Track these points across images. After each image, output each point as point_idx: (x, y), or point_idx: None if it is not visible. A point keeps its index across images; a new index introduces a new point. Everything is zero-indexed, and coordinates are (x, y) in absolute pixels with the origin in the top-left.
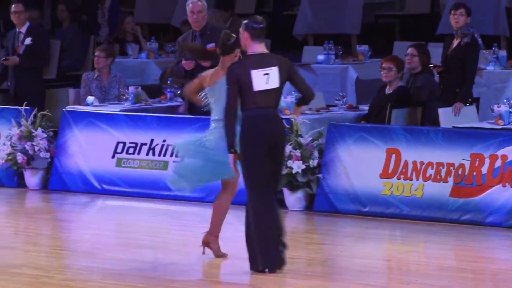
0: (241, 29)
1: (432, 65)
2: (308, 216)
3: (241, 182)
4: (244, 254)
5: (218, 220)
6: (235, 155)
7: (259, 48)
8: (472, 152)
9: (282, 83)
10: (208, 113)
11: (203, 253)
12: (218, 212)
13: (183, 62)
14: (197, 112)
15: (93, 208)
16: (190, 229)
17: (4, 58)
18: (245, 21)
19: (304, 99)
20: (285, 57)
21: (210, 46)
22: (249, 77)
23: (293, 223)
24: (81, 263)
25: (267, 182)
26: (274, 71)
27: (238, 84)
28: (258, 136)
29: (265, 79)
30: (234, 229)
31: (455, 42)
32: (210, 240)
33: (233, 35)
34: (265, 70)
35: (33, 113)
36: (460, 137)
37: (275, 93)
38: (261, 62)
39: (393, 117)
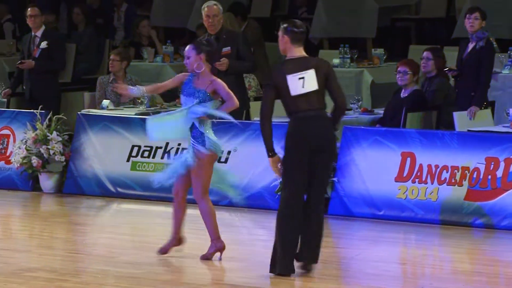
0: (280, 33)
1: (447, 68)
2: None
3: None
4: (259, 257)
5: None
6: (274, 158)
7: (298, 52)
8: (487, 155)
9: (321, 84)
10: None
11: (220, 259)
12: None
13: None
14: None
15: (108, 212)
16: (204, 233)
17: (19, 61)
18: (284, 25)
19: (335, 109)
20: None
21: (226, 49)
22: (285, 82)
23: None
24: (96, 266)
25: (300, 187)
26: (310, 74)
27: (277, 90)
28: (299, 139)
29: (300, 83)
30: (249, 233)
31: (470, 46)
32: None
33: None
34: (300, 74)
35: (48, 116)
36: (475, 140)
37: (315, 95)
38: (298, 66)
39: (408, 121)
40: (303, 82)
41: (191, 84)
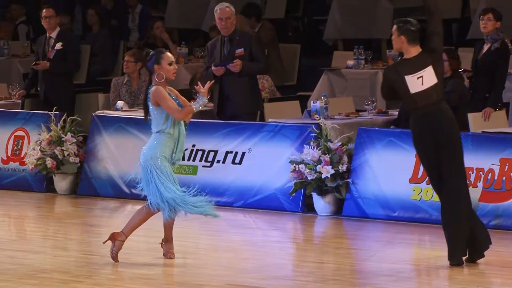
0: (396, 32)
1: (462, 70)
2: (337, 220)
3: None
4: (273, 258)
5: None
6: None
7: (414, 51)
8: (502, 157)
9: (439, 75)
10: (234, 117)
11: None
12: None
13: (213, 68)
14: (226, 117)
15: (123, 213)
16: (219, 234)
17: (34, 63)
18: (399, 24)
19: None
20: (314, 61)
21: (239, 51)
22: (404, 83)
23: (322, 228)
24: (110, 267)
25: (436, 179)
26: (428, 71)
27: (394, 88)
28: (422, 135)
29: (420, 81)
30: (263, 234)
31: (485, 47)
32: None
33: (150, 52)
34: (418, 74)
35: (63, 118)
36: (490, 142)
37: (434, 89)
38: (416, 65)
39: None
40: (422, 80)
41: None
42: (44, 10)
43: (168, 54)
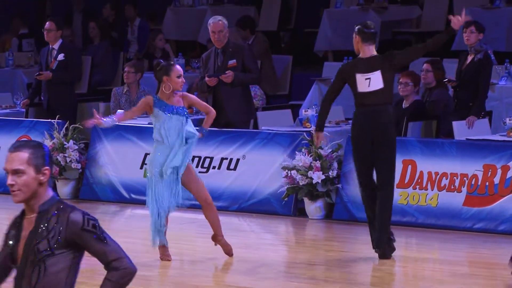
0: (354, 33)
1: (446, 79)
2: (327, 224)
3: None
4: (267, 260)
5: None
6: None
7: (367, 51)
8: (485, 163)
9: (388, 83)
10: (228, 125)
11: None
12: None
13: (206, 79)
14: (220, 125)
15: (122, 217)
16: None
17: (37, 73)
18: (357, 26)
19: None
20: (305, 72)
21: (231, 62)
22: (354, 80)
23: (313, 231)
24: None
25: (364, 173)
26: (376, 75)
27: (344, 83)
28: (360, 131)
29: (367, 83)
30: (257, 237)
31: (469, 58)
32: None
33: (162, 63)
34: (367, 75)
35: (65, 126)
36: (473, 149)
37: (380, 92)
38: (367, 66)
39: (409, 130)
40: (369, 82)
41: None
42: (46, 24)
43: (178, 67)
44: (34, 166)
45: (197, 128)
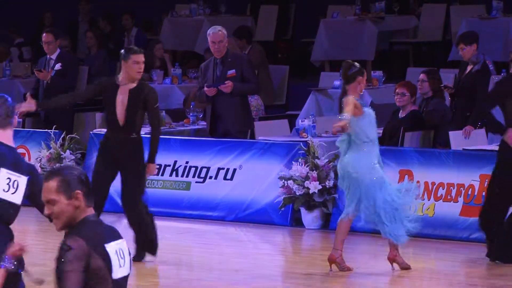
0: None
1: (443, 85)
2: (324, 234)
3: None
4: (263, 270)
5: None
6: None
7: None
8: (482, 173)
9: None
10: (226, 135)
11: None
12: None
13: (205, 89)
14: (218, 135)
15: (119, 227)
16: (212, 247)
17: (37, 68)
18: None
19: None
20: (302, 82)
21: (231, 72)
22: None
23: (310, 241)
24: None
25: None
26: None
27: None
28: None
29: None
30: (254, 247)
31: (468, 68)
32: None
33: (355, 63)
34: None
35: (62, 136)
36: (470, 159)
37: None
38: None
39: (406, 140)
40: None
41: None
42: (44, 35)
43: None
44: (64, 193)
45: None
